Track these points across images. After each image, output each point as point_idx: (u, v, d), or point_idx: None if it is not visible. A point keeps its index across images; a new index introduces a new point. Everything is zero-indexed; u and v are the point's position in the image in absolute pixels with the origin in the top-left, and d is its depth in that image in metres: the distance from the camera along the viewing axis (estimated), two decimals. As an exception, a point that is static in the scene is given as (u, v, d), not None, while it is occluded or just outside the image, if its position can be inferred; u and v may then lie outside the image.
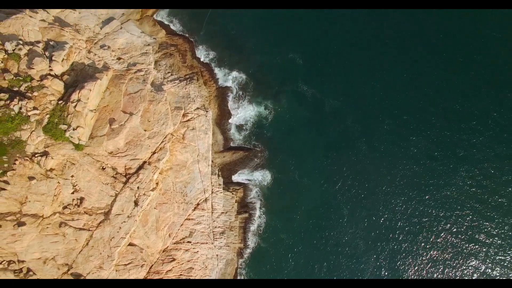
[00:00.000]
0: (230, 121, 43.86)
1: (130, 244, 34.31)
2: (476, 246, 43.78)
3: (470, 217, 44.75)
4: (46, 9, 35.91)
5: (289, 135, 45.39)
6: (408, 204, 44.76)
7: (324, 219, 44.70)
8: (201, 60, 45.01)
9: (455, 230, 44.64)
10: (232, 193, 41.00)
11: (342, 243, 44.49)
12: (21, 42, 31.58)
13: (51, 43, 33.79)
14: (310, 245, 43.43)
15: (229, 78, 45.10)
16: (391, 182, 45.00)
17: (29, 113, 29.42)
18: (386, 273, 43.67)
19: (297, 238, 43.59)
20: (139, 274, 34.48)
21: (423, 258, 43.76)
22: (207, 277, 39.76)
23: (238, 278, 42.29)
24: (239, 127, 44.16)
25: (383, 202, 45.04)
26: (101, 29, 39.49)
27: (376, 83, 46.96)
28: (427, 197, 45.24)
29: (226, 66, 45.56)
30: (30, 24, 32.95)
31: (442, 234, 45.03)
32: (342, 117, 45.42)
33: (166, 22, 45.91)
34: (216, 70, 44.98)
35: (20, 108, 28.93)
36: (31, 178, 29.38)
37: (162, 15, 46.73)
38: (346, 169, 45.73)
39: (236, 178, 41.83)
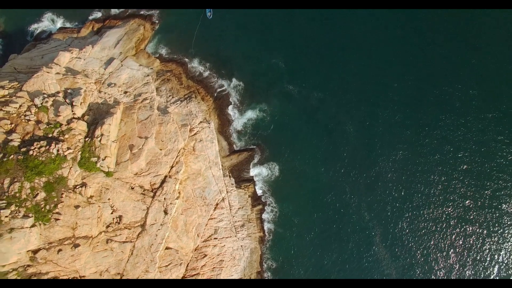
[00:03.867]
0: (230, 128, 49.48)
1: (167, 248, 39.92)
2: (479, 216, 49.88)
3: (464, 183, 50.86)
4: (57, 63, 41.53)
5: (285, 130, 50.89)
6: (394, 170, 51.01)
7: (329, 198, 50.32)
8: (195, 78, 50.54)
9: (446, 196, 50.78)
10: (244, 190, 46.67)
11: (348, 216, 50.16)
12: (45, 95, 37.19)
13: (69, 91, 39.42)
14: (320, 222, 49.08)
15: (223, 90, 50.63)
16: (379, 156, 50.89)
17: (65, 153, 34.98)
18: (389, 238, 49.52)
19: (308, 218, 49.15)
20: (179, 272, 40.13)
21: (416, 220, 49.85)
22: (236, 267, 45.32)
23: (264, 263, 47.88)
24: (240, 132, 49.74)
25: (376, 174, 50.83)
26: (105, 70, 45.11)
27: (350, 73, 52.78)
28: (408, 162, 51.24)
29: (218, 79, 51.04)
30: (49, 79, 38.55)
31: (438, 197, 51.05)
32: (327, 106, 51.07)
33: (158, 52, 51.44)
34: (210, 85, 50.47)
35: (58, 150, 34.48)
36: (76, 206, 34.96)
37: (152, 46, 52.11)
38: (340, 151, 51.36)
39: (245, 176, 47.50)
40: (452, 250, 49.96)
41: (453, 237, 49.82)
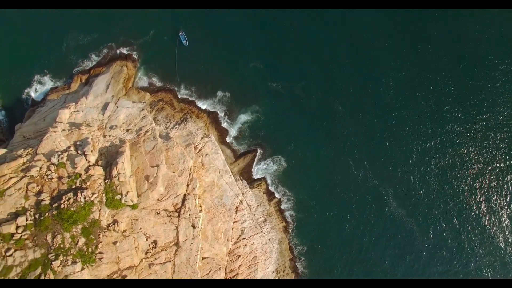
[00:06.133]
0: (229, 136, 52.92)
1: (203, 258, 43.38)
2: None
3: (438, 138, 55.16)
4: (60, 121, 44.96)
5: (280, 124, 54.40)
6: (389, 136, 55.15)
7: (337, 175, 54.04)
8: (186, 100, 53.74)
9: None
10: (258, 188, 50.15)
11: (358, 186, 53.86)
12: (59, 152, 40.62)
13: (78, 143, 42.86)
14: (334, 198, 52.90)
15: (213, 104, 53.98)
16: (372, 126, 54.90)
17: (92, 198, 38.40)
18: (401, 197, 53.63)
19: (323, 198, 52.84)
20: (219, 276, 43.57)
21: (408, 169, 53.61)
22: (270, 259, 48.80)
23: (294, 250, 51.25)
24: (239, 137, 53.19)
25: (373, 143, 54.92)
26: (103, 115, 48.53)
27: (325, 58, 56.62)
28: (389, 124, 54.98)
29: (206, 96, 54.29)
30: (58, 137, 41.97)
31: (435, 148, 54.67)
32: (313, 92, 54.80)
33: (145, 85, 54.67)
34: (201, 103, 53.76)
35: (84, 197, 37.90)
36: (114, 242, 38.36)
37: (139, 82, 55.09)
38: (335, 130, 55.07)
39: (255, 175, 50.99)
40: (462, 197, 53.88)
41: (463, 183, 53.92)
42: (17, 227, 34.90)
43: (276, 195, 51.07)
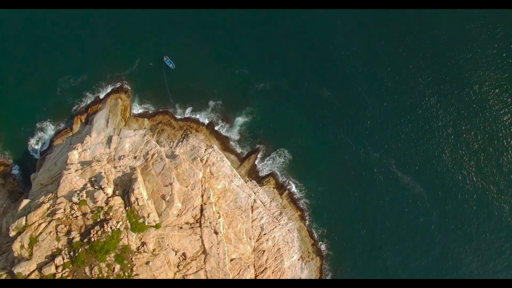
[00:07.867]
0: (231, 140, 55.49)
1: (231, 260, 45.99)
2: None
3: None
4: (71, 162, 47.54)
5: (276, 120, 56.99)
6: (382, 111, 58.10)
7: (339, 157, 56.82)
8: (183, 118, 56.28)
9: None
10: (267, 184, 52.87)
11: (361, 162, 56.49)
12: (77, 191, 43.24)
13: (93, 179, 45.48)
14: (341, 178, 55.63)
15: (209, 116, 56.50)
16: (363, 105, 57.75)
17: (117, 227, 41.00)
18: (404, 164, 56.61)
19: (330, 181, 55.49)
20: (250, 274, 46.21)
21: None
22: (293, 248, 51.39)
23: (314, 234, 53.83)
24: (240, 140, 55.75)
25: (368, 119, 57.69)
26: (109, 148, 51.10)
27: (303, 52, 59.15)
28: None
29: (201, 109, 56.61)
30: (73, 178, 44.53)
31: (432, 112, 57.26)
32: (299, 84, 57.32)
33: (142, 112, 57.18)
34: (197, 117, 56.26)
35: (111, 227, 40.53)
36: (147, 262, 40.98)
37: (135, 110, 57.41)
38: (329, 114, 57.66)
39: (262, 172, 53.62)
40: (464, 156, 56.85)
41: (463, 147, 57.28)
42: (57, 267, 37.58)
43: (286, 186, 53.66)
